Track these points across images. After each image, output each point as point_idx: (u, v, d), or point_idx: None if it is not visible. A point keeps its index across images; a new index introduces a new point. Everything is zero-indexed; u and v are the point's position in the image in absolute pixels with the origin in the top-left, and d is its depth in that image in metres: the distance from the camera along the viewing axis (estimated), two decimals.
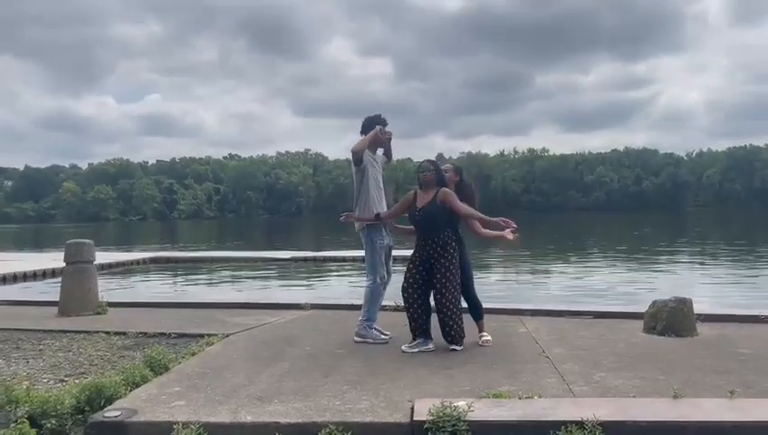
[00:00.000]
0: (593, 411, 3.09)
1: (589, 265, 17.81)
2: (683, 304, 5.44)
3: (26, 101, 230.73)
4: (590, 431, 2.96)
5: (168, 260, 19.64)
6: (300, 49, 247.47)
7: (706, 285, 13.10)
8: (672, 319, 5.39)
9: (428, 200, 4.84)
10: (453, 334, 4.79)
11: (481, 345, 4.94)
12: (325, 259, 18.35)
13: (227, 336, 5.41)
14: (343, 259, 17.78)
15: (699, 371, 4.17)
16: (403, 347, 4.79)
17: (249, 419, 3.24)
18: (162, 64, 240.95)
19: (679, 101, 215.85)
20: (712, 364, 4.35)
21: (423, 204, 4.86)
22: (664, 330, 5.38)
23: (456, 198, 4.84)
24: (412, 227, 5.04)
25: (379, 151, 5.50)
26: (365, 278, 5.31)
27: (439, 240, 4.78)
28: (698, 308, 5.70)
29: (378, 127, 5.23)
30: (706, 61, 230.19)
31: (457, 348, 4.78)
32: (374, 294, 5.19)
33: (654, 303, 5.62)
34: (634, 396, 3.54)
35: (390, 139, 5.33)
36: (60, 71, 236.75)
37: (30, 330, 5.94)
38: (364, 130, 5.36)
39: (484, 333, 5.08)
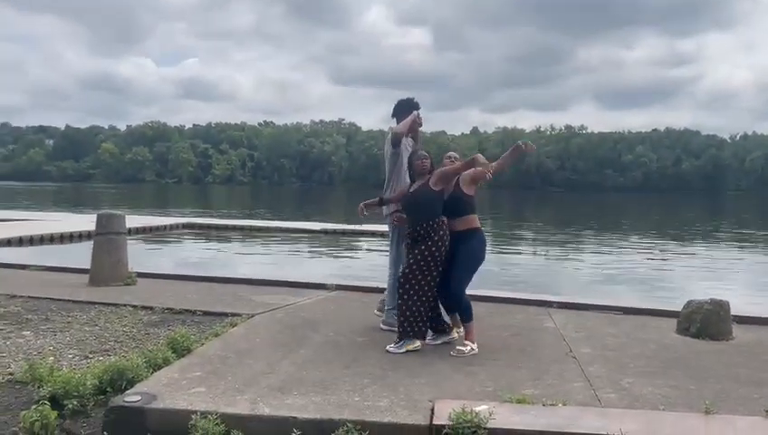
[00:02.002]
0: (620, 425, 2.98)
1: (620, 249, 17.44)
2: (719, 307, 5.24)
3: (69, 61, 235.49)
4: None
5: (201, 227, 19.90)
6: (338, 16, 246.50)
7: (742, 278, 12.72)
8: (707, 322, 5.21)
9: (420, 184, 4.63)
10: (400, 329, 4.47)
11: (452, 355, 4.38)
12: (355, 232, 18.35)
13: (251, 317, 5.41)
14: (372, 233, 17.73)
15: (734, 381, 4.01)
16: (428, 339, 4.68)
17: (267, 411, 3.21)
18: (201, 28, 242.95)
19: (726, 80, 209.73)
20: (747, 374, 4.18)
21: (414, 189, 4.68)
22: (698, 332, 5.20)
23: (446, 168, 4.56)
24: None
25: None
26: (389, 267, 5.22)
27: (421, 229, 4.50)
28: (734, 306, 5.50)
29: (416, 112, 5.09)
30: (757, 39, 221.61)
31: (391, 349, 4.38)
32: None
33: (689, 303, 5.43)
34: (663, 408, 3.42)
35: (421, 125, 5.19)
36: (101, 31, 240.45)
37: (60, 300, 6.04)
38: (396, 114, 5.24)
39: (468, 343, 4.49)
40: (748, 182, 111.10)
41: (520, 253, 16.51)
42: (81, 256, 10.39)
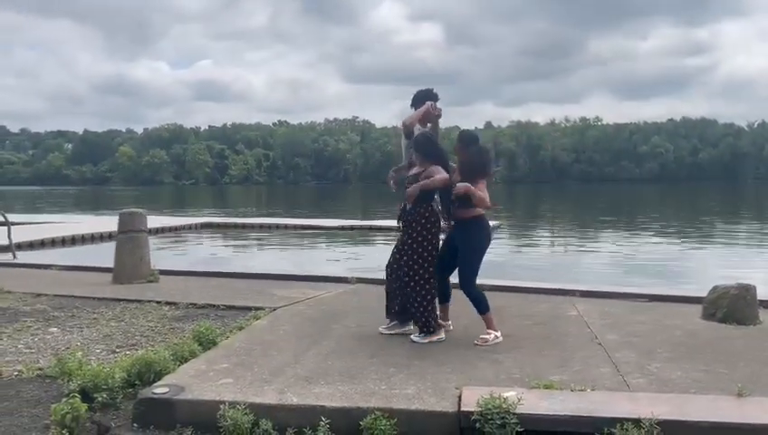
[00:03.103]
0: (651, 408, 2.94)
1: (642, 238, 17.25)
2: (746, 292, 5.17)
3: (84, 66, 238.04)
4: (648, 430, 2.81)
5: (219, 226, 20.03)
6: (349, 13, 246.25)
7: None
8: (734, 306, 5.13)
9: (416, 174, 4.66)
10: (416, 321, 4.50)
11: (476, 344, 4.36)
12: (372, 228, 18.35)
13: (274, 310, 5.43)
14: (390, 229, 17.70)
15: (764, 364, 3.96)
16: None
17: (295, 400, 3.22)
18: (213, 29, 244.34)
19: (743, 68, 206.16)
20: None
21: (411, 174, 4.71)
22: (724, 317, 5.13)
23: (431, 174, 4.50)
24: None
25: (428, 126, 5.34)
26: None
27: (407, 214, 4.57)
28: (761, 290, 5.42)
29: (429, 103, 5.07)
30: None
31: (415, 339, 4.43)
32: None
33: (715, 288, 5.36)
34: (694, 392, 3.37)
35: (440, 116, 5.16)
36: (115, 35, 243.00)
37: (86, 297, 6.12)
38: (415, 104, 5.22)
39: (491, 331, 4.46)
40: (767, 170, 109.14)
41: (540, 246, 16.41)
42: (104, 255, 10.51)
